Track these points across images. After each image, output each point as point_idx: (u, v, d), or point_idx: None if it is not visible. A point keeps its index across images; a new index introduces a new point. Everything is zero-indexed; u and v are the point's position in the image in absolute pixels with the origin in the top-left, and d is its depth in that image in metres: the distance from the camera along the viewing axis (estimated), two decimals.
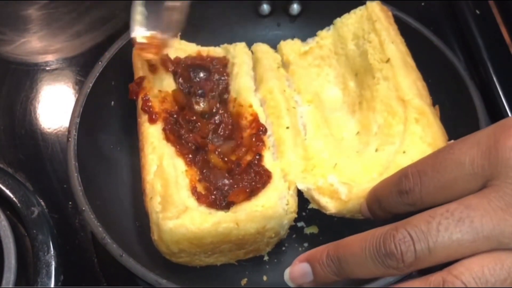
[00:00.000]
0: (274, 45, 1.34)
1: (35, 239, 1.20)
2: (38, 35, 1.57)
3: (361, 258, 0.79)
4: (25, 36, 1.57)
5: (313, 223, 1.18)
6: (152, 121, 1.13)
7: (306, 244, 1.15)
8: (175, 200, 1.02)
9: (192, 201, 1.04)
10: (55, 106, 1.44)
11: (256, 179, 1.08)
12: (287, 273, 0.90)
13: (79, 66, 1.50)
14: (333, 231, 1.13)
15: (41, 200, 1.28)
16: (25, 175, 1.32)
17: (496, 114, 1.34)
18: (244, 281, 1.11)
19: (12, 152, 1.36)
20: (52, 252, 1.19)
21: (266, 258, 1.13)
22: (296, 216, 1.08)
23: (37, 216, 1.23)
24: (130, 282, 1.14)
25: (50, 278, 1.16)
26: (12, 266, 1.11)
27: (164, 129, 1.12)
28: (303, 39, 1.35)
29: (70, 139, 1.12)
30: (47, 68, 1.51)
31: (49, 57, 1.52)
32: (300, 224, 1.16)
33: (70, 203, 1.25)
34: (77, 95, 1.44)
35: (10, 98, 1.45)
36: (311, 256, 0.87)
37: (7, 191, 1.25)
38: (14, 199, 1.25)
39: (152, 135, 1.12)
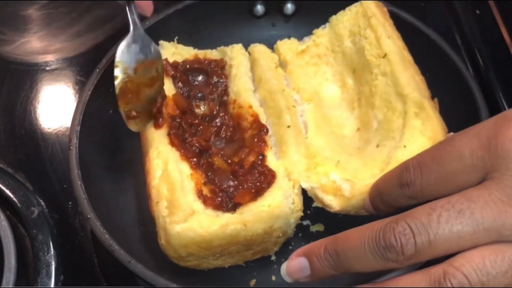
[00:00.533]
0: (270, 45, 1.34)
1: (35, 239, 1.20)
2: (38, 35, 1.58)
3: (360, 252, 0.78)
4: (25, 36, 1.57)
5: (318, 221, 1.18)
6: (158, 126, 1.13)
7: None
8: (181, 204, 1.02)
9: (198, 204, 1.04)
10: (55, 106, 1.45)
11: (260, 179, 1.08)
12: (283, 268, 0.89)
13: (79, 66, 1.51)
14: (339, 229, 1.12)
15: (41, 200, 1.28)
16: (25, 175, 1.32)
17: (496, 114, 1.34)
18: (253, 282, 1.11)
19: (12, 152, 1.36)
20: (52, 252, 1.19)
21: (273, 258, 1.13)
22: (302, 214, 1.08)
23: (37, 216, 1.23)
24: (130, 282, 1.14)
25: (50, 278, 1.17)
26: (12, 266, 1.12)
27: (169, 134, 1.12)
28: (299, 38, 1.35)
29: (71, 147, 1.12)
30: (47, 68, 1.51)
31: (49, 57, 1.53)
32: (305, 222, 1.17)
33: (70, 203, 1.26)
34: (77, 96, 1.46)
35: (10, 98, 1.45)
36: (309, 250, 0.86)
37: (7, 191, 1.26)
38: (14, 199, 1.25)
39: (157, 140, 1.12)
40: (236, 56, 1.29)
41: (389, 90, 1.13)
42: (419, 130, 1.05)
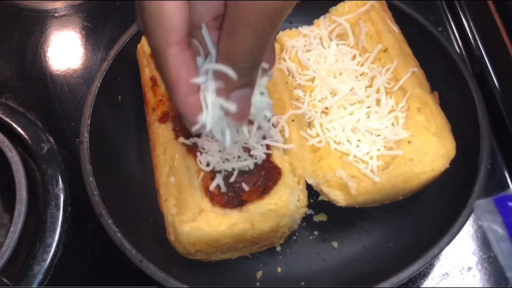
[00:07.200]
0: None
1: (45, 174, 1.24)
2: None
3: None
4: None
5: (321, 210, 1.17)
6: (162, 121, 1.12)
7: (316, 232, 1.16)
8: (189, 203, 1.00)
9: (205, 202, 1.01)
10: (64, 50, 1.47)
11: (267, 177, 1.05)
12: None
13: (86, 12, 1.52)
14: (342, 219, 1.15)
15: (50, 137, 1.31)
16: (36, 114, 1.35)
17: (496, 113, 1.30)
18: (259, 274, 1.12)
19: (24, 93, 1.39)
20: (60, 186, 1.23)
21: (278, 248, 1.14)
22: (307, 209, 1.07)
23: (47, 152, 1.26)
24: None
25: (58, 209, 1.20)
26: (23, 198, 1.16)
27: (174, 129, 1.10)
28: (300, 24, 1.29)
29: (83, 141, 1.12)
30: (56, 14, 1.52)
31: (58, 4, 1.54)
32: (308, 211, 1.15)
33: (77, 140, 1.20)
34: (83, 41, 1.47)
35: (21, 42, 1.47)
36: None
37: (19, 129, 1.29)
38: (25, 136, 1.28)
39: (163, 135, 1.10)
40: None
41: (390, 83, 1.11)
42: (423, 126, 1.03)
